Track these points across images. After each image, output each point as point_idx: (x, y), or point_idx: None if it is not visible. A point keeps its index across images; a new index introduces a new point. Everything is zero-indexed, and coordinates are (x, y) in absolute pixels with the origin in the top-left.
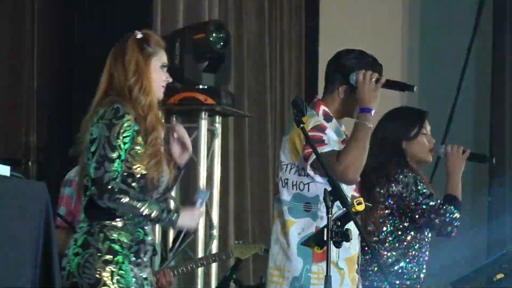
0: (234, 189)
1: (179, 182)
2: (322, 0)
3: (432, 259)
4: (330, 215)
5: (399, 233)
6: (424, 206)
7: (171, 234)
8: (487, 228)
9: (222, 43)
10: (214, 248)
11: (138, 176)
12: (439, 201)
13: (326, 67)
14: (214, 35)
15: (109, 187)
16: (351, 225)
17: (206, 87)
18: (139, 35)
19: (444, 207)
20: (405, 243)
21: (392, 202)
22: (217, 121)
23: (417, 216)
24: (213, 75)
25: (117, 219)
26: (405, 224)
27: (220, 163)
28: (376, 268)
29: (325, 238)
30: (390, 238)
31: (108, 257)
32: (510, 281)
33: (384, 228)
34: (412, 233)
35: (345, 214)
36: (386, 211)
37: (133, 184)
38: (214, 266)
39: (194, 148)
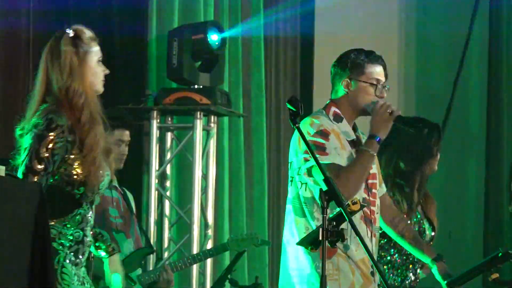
0: (229, 189)
1: (175, 181)
2: (318, 1)
3: None
4: (325, 215)
5: None
6: None
7: (166, 234)
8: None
9: (219, 44)
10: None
11: (77, 184)
12: None
13: (331, 70)
14: (212, 35)
15: None
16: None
17: (201, 87)
18: (71, 33)
19: None
20: None
21: None
22: (213, 121)
23: None
24: (208, 75)
25: (56, 219)
26: None
27: (216, 163)
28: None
29: (320, 238)
30: None
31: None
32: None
33: None
34: None
35: (341, 214)
36: None
37: (73, 191)
38: (209, 266)
39: (189, 148)
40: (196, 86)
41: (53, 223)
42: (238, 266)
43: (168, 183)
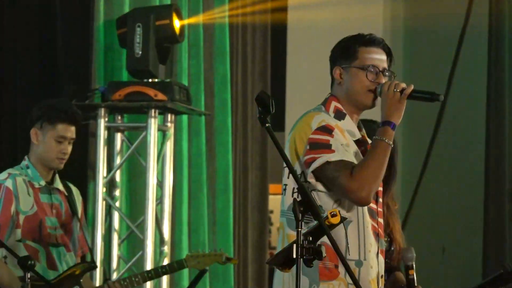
0: (188, 199)
1: (125, 190)
2: None
3: None
4: (299, 229)
5: None
6: None
7: (115, 251)
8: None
9: (181, 31)
10: None
11: None
12: None
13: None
14: (177, 21)
15: None
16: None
17: (156, 80)
18: None
19: None
20: None
21: None
22: (169, 120)
23: None
24: (163, 67)
25: None
26: None
27: (173, 168)
28: None
29: (294, 256)
30: None
31: None
32: None
33: None
34: None
35: (318, 227)
36: None
37: None
38: (164, 287)
39: (142, 151)
40: (150, 80)
41: None
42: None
43: (117, 192)
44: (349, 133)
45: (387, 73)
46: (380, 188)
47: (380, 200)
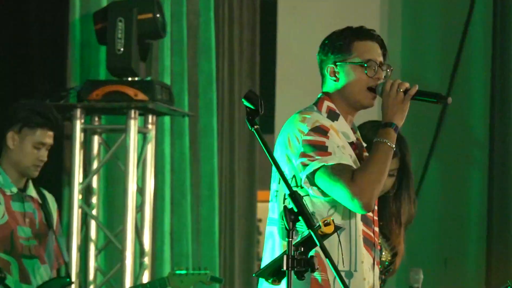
0: (171, 206)
1: (103, 197)
2: None
3: None
4: (290, 239)
5: None
6: None
7: (92, 262)
8: None
9: (164, 25)
10: (145, 280)
11: None
12: None
13: (316, 59)
14: (159, 15)
15: None
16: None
17: (136, 79)
18: None
19: None
20: None
21: None
22: (151, 122)
23: None
24: (143, 64)
25: None
26: None
27: (154, 173)
28: None
29: (284, 268)
30: None
31: None
32: None
33: None
34: None
35: (310, 237)
36: None
37: None
38: None
39: (121, 155)
40: (130, 78)
41: None
42: None
43: (94, 199)
44: (343, 134)
45: (384, 68)
46: None
47: (376, 207)
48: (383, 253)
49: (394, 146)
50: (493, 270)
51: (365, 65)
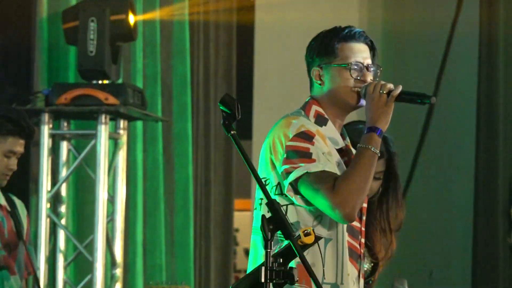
0: (143, 215)
1: (72, 206)
2: None
3: None
4: (269, 250)
5: None
6: None
7: (61, 274)
8: None
9: (135, 27)
10: None
11: None
12: None
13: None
14: (131, 16)
15: None
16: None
17: (106, 82)
18: None
19: None
20: None
21: None
22: (122, 127)
23: None
24: (114, 67)
25: None
26: None
27: (126, 181)
28: None
29: (262, 280)
30: None
31: None
32: None
33: None
34: None
35: (289, 248)
36: None
37: None
38: None
39: (91, 162)
40: (100, 82)
41: None
42: None
43: (63, 208)
44: (331, 140)
45: (372, 69)
46: (365, 205)
47: (364, 218)
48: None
49: (378, 152)
50: (479, 282)
51: (350, 67)
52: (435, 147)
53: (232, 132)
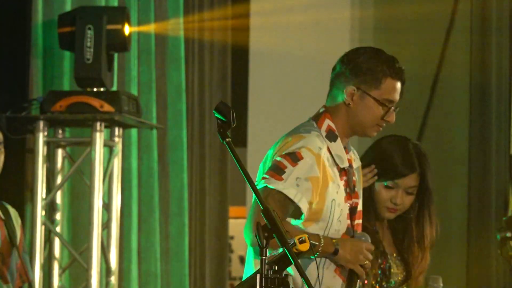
0: (138, 223)
1: (67, 213)
2: None
3: None
4: (264, 257)
5: None
6: None
7: (56, 282)
8: None
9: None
10: None
11: None
12: None
13: (332, 70)
14: (127, 27)
15: None
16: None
17: (102, 90)
18: None
19: None
20: None
21: None
22: (117, 135)
23: None
24: (109, 74)
25: None
26: None
27: (121, 189)
28: None
29: (257, 287)
30: None
31: None
32: None
33: None
34: None
35: (284, 255)
36: None
37: None
38: None
39: (86, 170)
40: (95, 89)
41: None
42: None
43: (58, 216)
44: (337, 158)
45: (396, 109)
46: (360, 221)
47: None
48: (392, 269)
49: (320, 250)
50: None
51: (387, 107)
52: (429, 157)
53: (227, 139)
